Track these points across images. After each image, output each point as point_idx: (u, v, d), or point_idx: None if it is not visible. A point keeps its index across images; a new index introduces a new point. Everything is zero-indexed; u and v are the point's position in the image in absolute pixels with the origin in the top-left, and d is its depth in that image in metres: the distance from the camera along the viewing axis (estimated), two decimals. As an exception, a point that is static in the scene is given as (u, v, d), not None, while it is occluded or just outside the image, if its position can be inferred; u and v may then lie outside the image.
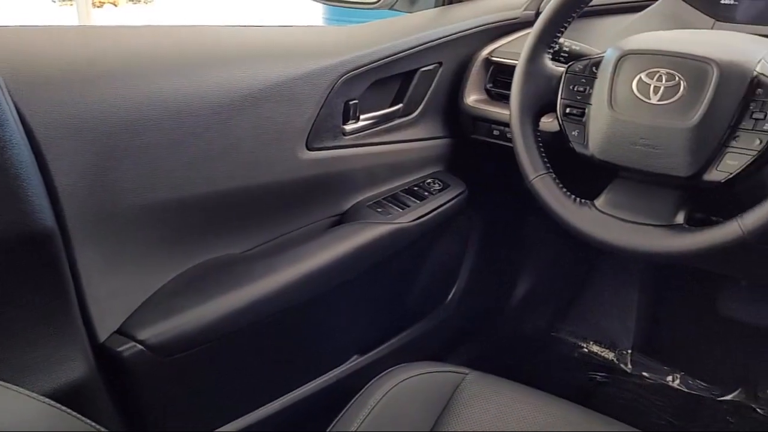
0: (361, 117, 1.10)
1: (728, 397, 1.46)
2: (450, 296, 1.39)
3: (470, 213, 1.33)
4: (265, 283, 0.93)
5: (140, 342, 0.81)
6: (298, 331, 1.05)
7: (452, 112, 1.24)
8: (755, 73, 0.79)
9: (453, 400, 0.86)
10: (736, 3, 1.15)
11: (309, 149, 1.01)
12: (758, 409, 1.42)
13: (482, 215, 1.40)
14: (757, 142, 0.78)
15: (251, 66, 0.93)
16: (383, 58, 1.07)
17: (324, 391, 1.11)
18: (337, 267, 1.01)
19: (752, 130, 0.78)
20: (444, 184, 1.21)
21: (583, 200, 0.91)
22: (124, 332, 0.82)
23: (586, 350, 1.64)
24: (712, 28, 1.15)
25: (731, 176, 0.79)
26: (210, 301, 0.88)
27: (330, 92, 1.00)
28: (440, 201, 1.17)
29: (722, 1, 1.16)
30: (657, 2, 1.21)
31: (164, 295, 0.87)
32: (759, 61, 0.81)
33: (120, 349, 0.80)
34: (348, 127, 1.08)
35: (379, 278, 1.15)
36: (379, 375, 0.91)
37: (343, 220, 1.10)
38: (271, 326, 0.97)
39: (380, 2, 1.35)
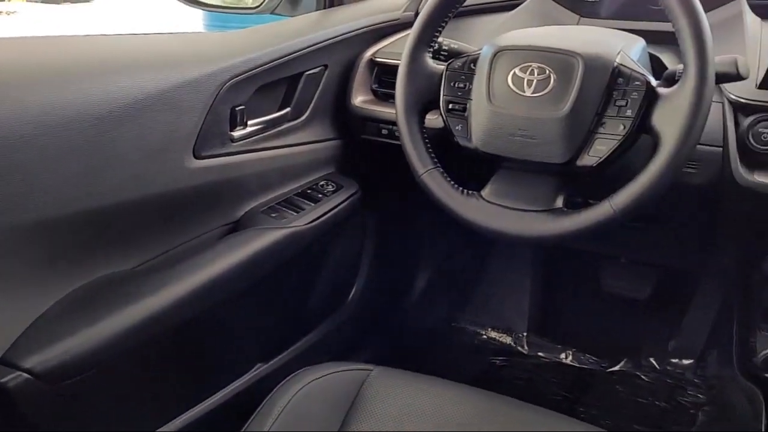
0: (249, 123, 1.09)
1: (616, 368, 1.56)
2: (350, 296, 1.41)
3: (365, 212, 1.35)
4: (158, 299, 0.90)
5: (26, 370, 0.76)
6: (197, 344, 1.03)
7: (341, 114, 1.25)
8: (616, 64, 0.86)
9: (359, 398, 0.87)
10: (598, 0, 1.24)
11: (197, 158, 0.99)
12: (643, 376, 1.53)
13: (377, 214, 1.42)
14: (621, 127, 0.84)
15: (132, 75, 0.90)
16: (268, 63, 1.07)
17: (229, 402, 1.09)
18: (233, 276, 0.99)
19: (616, 116, 0.85)
20: (337, 185, 1.22)
21: (470, 192, 0.94)
22: (7, 361, 0.77)
23: (485, 337, 1.71)
24: (577, 24, 1.23)
25: (601, 160, 0.85)
26: (100, 322, 0.84)
27: (215, 99, 0.99)
28: (334, 202, 1.18)
29: (585, -1, 1.24)
30: (527, 1, 1.28)
31: (50, 319, 0.83)
32: (618, 53, 0.87)
33: (4, 379, 0.75)
34: (236, 134, 1.06)
35: (277, 284, 1.15)
36: (285, 380, 0.90)
37: (236, 227, 1.09)
38: (168, 342, 0.95)
39: (261, 6, 1.34)
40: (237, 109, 1.04)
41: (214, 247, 1.01)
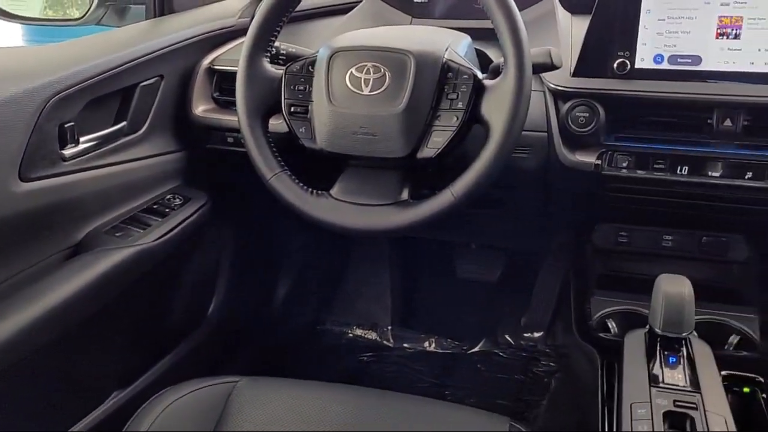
0: (82, 140, 1.03)
1: (476, 349, 1.65)
2: (210, 310, 1.37)
3: (219, 223, 1.33)
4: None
5: None
6: (46, 378, 0.96)
7: (182, 125, 1.22)
8: (444, 60, 0.91)
9: (226, 411, 0.86)
10: (427, 1, 1.30)
11: (23, 180, 0.92)
12: (500, 353, 1.63)
13: (232, 224, 1.40)
14: (455, 119, 0.89)
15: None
16: (96, 75, 1.02)
17: (87, 433, 1.03)
18: (78, 302, 0.94)
19: (449, 109, 0.89)
20: (185, 198, 1.19)
21: (320, 192, 0.95)
22: None
23: (351, 335, 1.73)
24: (410, 24, 1.28)
25: (440, 151, 0.89)
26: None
27: (39, 116, 0.93)
28: (183, 216, 1.15)
29: (416, 0, 1.30)
30: (360, 4, 1.32)
31: None
32: (446, 49, 0.92)
33: None
34: (67, 152, 1.00)
35: (129, 305, 1.10)
36: (145, 403, 0.87)
37: (78, 251, 1.02)
38: (13, 377, 0.88)
39: (85, 17, 1.27)
40: (66, 126, 0.98)
41: (55, 274, 0.95)
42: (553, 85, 1.05)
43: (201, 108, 1.22)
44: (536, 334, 1.63)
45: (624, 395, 0.77)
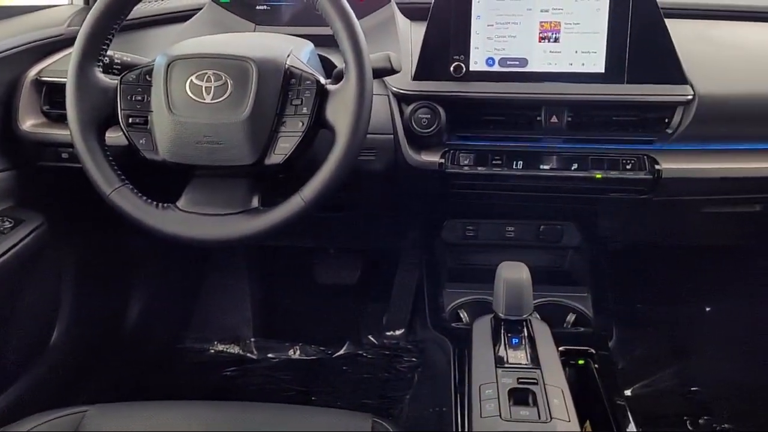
0: None
1: (341, 352, 1.67)
2: (54, 337, 1.28)
3: (59, 245, 1.24)
4: None
5: None
6: None
7: (9, 142, 1.13)
8: (287, 66, 0.91)
9: (76, 442, 0.80)
10: (269, 8, 1.30)
11: None
12: (364, 354, 1.66)
13: (74, 244, 1.31)
14: (300, 124, 0.90)
15: None
16: None
17: None
18: None
19: (294, 114, 0.90)
20: (16, 220, 1.10)
21: (165, 204, 0.92)
22: None
23: (213, 351, 1.69)
24: (254, 31, 1.27)
25: (287, 157, 0.89)
26: None
27: None
28: (13, 240, 1.06)
29: (258, 7, 1.29)
30: (200, 12, 1.29)
31: None
32: (288, 56, 0.93)
33: None
34: None
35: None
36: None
37: None
38: None
39: None
40: None
41: None
42: (395, 89, 1.09)
43: (29, 123, 1.13)
44: (397, 332, 1.68)
45: (473, 378, 0.81)
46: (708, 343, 1.68)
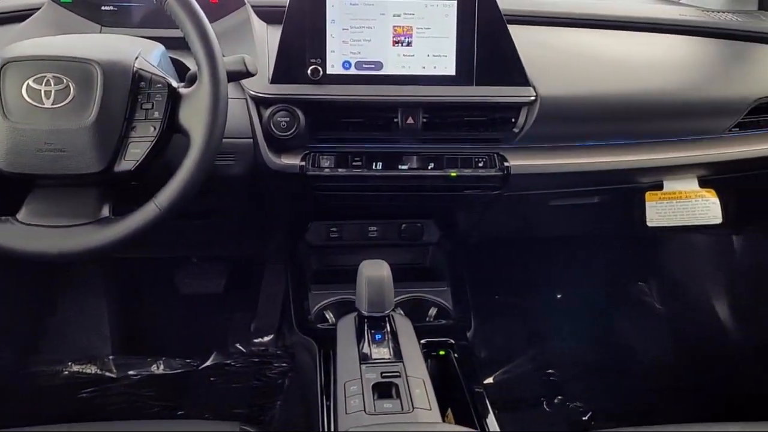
0: None
1: (208, 363, 1.62)
2: None
3: None
4: None
5: None
6: None
7: None
8: (135, 69, 0.87)
9: None
10: (116, 9, 1.23)
11: None
12: (233, 363, 1.62)
13: None
14: (152, 129, 0.86)
15: None
16: None
17: None
18: None
19: (145, 119, 0.87)
20: None
21: (3, 217, 0.85)
22: None
23: (67, 372, 1.57)
24: (100, 33, 1.21)
25: (139, 163, 0.86)
26: None
27: None
28: None
29: (103, 8, 1.22)
30: (39, 12, 1.20)
31: None
32: (137, 58, 0.89)
33: None
34: None
35: None
36: None
37: None
38: None
39: None
40: None
41: None
42: (253, 92, 1.08)
43: None
44: (266, 338, 1.65)
45: (338, 376, 0.82)
46: (560, 327, 1.80)
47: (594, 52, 1.27)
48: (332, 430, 0.79)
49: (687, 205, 1.24)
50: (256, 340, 1.65)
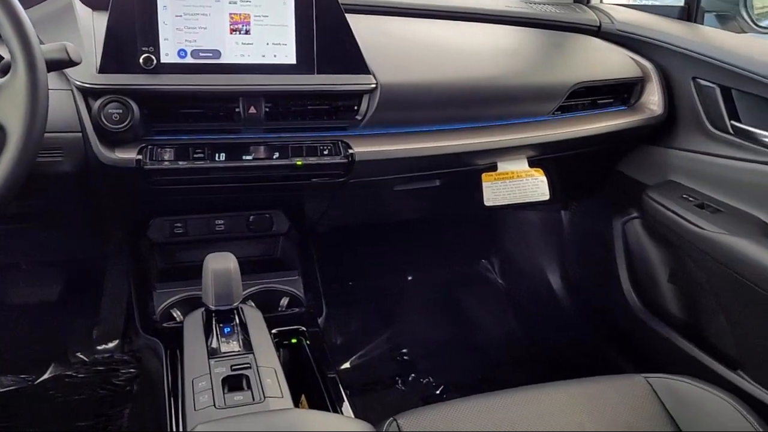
0: None
1: (45, 377, 1.50)
2: None
3: None
4: None
5: None
6: None
7: None
8: None
9: None
10: None
11: None
12: (74, 374, 1.51)
13: None
14: None
15: None
16: None
17: None
18: None
19: None
20: None
21: None
22: None
23: None
24: None
25: None
26: None
27: None
28: None
29: None
30: None
31: None
32: None
33: None
34: None
35: None
36: None
37: None
38: None
39: None
40: None
41: None
42: (79, 83, 1.01)
43: None
44: (111, 344, 1.56)
45: (185, 374, 0.80)
46: (411, 308, 1.87)
47: (430, 41, 1.32)
48: (180, 429, 0.77)
49: (519, 184, 1.33)
50: (99, 347, 1.55)
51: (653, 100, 1.37)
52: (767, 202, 1.16)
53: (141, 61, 1.03)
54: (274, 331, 0.98)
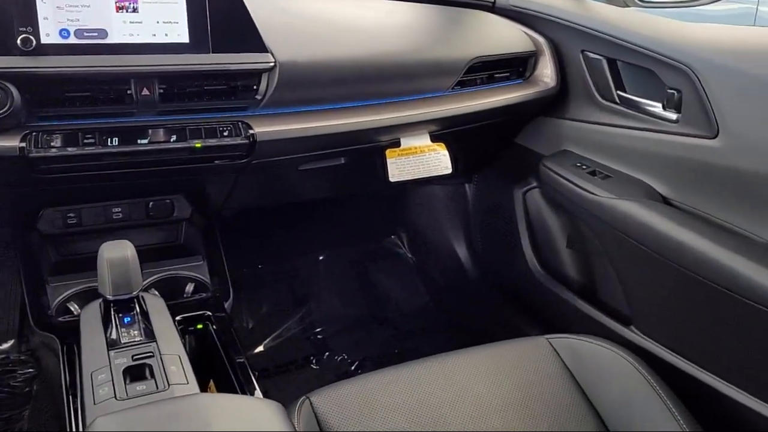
0: None
1: None
2: None
3: None
4: None
5: None
6: None
7: None
8: None
9: None
10: None
11: None
12: None
13: None
14: None
15: None
16: None
17: None
18: None
19: None
20: None
21: None
22: None
23: None
24: None
25: None
26: None
27: None
28: None
29: None
30: None
31: None
32: None
33: None
34: None
35: None
36: None
37: None
38: None
39: None
40: None
41: None
42: None
43: None
44: (6, 344, 1.47)
45: (83, 367, 0.77)
46: (324, 288, 1.87)
47: (328, 17, 1.31)
48: (80, 425, 0.74)
49: (422, 158, 1.35)
50: (-8, 347, 1.47)
51: (546, 73, 1.42)
52: (651, 167, 1.23)
53: (19, 42, 0.97)
54: (178, 317, 0.96)
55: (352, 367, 1.65)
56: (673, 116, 1.19)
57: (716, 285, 1.02)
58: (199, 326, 1.11)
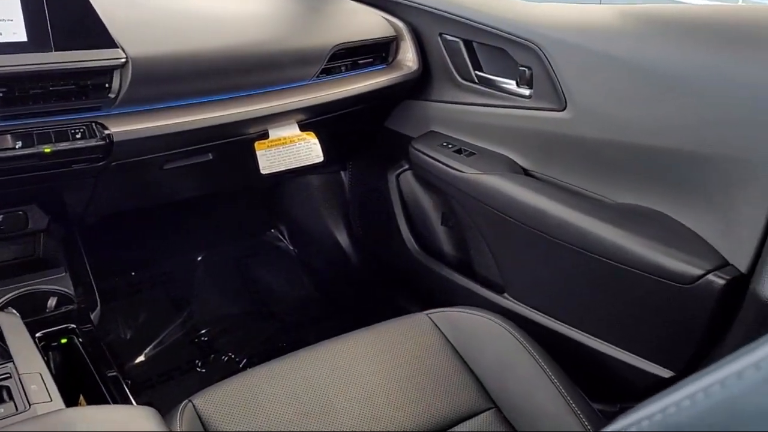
0: None
1: None
2: None
3: None
4: None
5: None
6: None
7: None
8: None
9: None
10: None
11: None
12: None
13: None
14: None
15: None
16: None
17: None
18: None
19: None
20: None
21: None
22: None
23: None
24: None
25: None
26: None
27: None
28: None
29: None
30: None
31: None
32: None
33: None
34: None
35: None
36: None
37: None
38: None
39: None
40: None
41: None
42: None
43: None
44: None
45: None
46: (204, 289, 1.82)
47: (182, 8, 1.26)
48: None
49: (292, 149, 1.34)
50: None
51: (409, 57, 1.45)
52: (511, 141, 1.29)
53: None
54: (39, 334, 0.90)
55: (240, 366, 1.62)
56: (527, 92, 1.25)
57: (574, 246, 1.09)
58: (63, 341, 1.05)
